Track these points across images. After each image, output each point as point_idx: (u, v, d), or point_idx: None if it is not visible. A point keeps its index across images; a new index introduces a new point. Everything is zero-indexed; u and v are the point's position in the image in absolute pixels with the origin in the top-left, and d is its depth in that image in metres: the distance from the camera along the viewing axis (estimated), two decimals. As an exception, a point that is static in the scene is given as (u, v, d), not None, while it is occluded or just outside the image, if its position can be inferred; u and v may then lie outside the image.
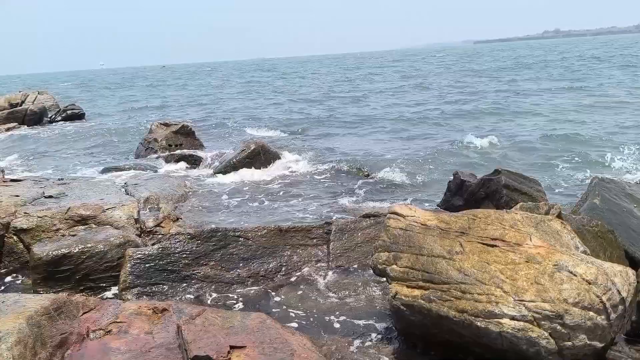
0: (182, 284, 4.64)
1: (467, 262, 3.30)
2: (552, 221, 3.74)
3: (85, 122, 21.28)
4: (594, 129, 13.28)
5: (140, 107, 28.05)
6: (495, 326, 3.00)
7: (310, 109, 21.37)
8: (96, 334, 3.21)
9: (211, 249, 4.90)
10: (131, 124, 19.98)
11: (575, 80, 26.04)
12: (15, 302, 3.22)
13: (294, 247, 5.11)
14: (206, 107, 25.59)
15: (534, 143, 11.90)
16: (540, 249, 3.28)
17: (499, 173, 6.70)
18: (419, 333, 3.51)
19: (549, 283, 3.02)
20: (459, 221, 3.70)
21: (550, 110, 16.75)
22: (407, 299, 3.38)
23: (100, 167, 11.20)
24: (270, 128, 16.27)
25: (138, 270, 4.60)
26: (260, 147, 10.71)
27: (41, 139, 16.87)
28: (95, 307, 3.48)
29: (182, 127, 13.00)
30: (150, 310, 3.48)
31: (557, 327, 2.91)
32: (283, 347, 3.13)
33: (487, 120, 15.84)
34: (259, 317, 3.49)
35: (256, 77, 53.36)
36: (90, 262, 4.87)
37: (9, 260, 5.25)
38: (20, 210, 5.58)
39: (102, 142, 15.56)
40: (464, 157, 10.94)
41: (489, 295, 3.08)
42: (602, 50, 60.96)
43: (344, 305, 4.33)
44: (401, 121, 16.82)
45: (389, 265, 3.60)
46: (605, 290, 2.98)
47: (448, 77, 35.75)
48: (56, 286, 4.77)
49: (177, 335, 3.20)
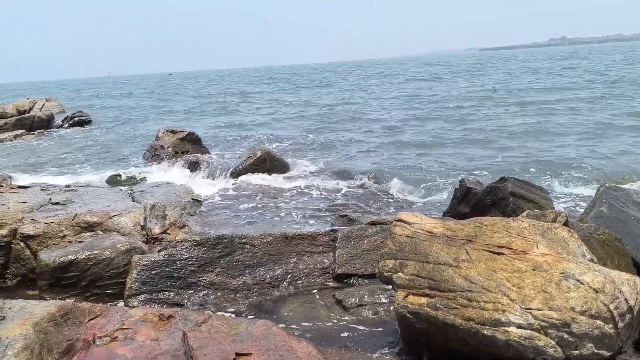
0: (188, 290, 4.64)
1: (473, 270, 3.29)
2: (559, 229, 3.72)
3: (92, 129, 21.41)
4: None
5: (147, 113, 28.20)
6: (501, 334, 2.98)
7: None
8: (102, 341, 3.22)
9: (217, 255, 4.90)
10: (138, 131, 20.09)
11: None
12: (22, 309, 3.24)
13: (299, 254, 5.10)
14: (218, 114, 25.64)
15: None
16: (547, 257, 3.26)
17: (506, 180, 6.69)
18: (425, 341, 3.49)
19: (555, 291, 3.00)
20: (465, 229, 3.69)
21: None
22: (413, 307, 3.37)
23: (107, 173, 11.26)
24: (279, 133, 16.31)
25: (144, 277, 4.61)
26: (266, 154, 10.74)
27: (48, 145, 16.98)
28: (101, 314, 3.48)
29: (189, 135, 13.07)
30: (156, 317, 3.48)
31: (564, 336, 2.89)
32: (289, 355, 3.12)
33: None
34: (264, 325, 3.49)
35: (256, 87, 52.93)
36: (96, 268, 4.88)
37: (16, 267, 5.27)
38: (28, 217, 5.61)
39: (108, 149, 15.65)
40: (469, 165, 10.93)
41: (496, 304, 3.06)
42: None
43: (350, 314, 4.32)
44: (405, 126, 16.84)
45: (395, 272, 3.59)
46: (612, 298, 2.96)
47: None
48: (62, 293, 4.78)
49: (182, 342, 3.20)
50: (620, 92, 23.06)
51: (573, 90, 25.75)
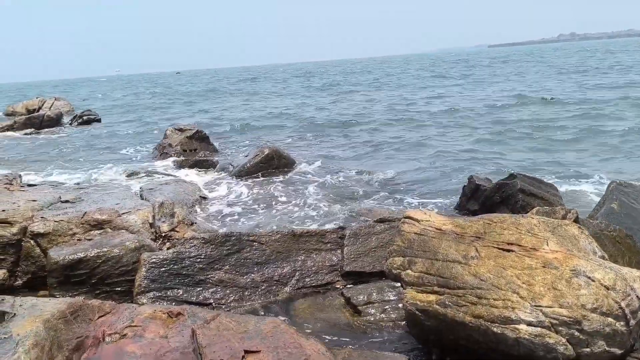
0: (196, 288, 4.65)
1: (482, 267, 3.27)
2: (569, 226, 3.69)
3: (101, 127, 21.49)
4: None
5: (156, 112, 28.30)
6: (511, 332, 2.96)
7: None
8: (112, 338, 3.23)
9: (225, 253, 4.91)
10: (146, 129, 20.17)
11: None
12: (33, 306, 3.26)
13: (307, 251, 5.10)
14: (229, 113, 25.65)
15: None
16: (557, 254, 3.24)
17: (515, 177, 6.65)
18: (434, 339, 3.48)
19: (566, 288, 2.97)
20: (474, 226, 3.67)
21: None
22: (422, 304, 3.36)
23: (116, 172, 11.30)
24: (284, 130, 16.26)
25: (153, 274, 4.62)
26: (274, 153, 10.75)
27: (57, 143, 17.07)
28: (110, 311, 3.50)
29: (197, 133, 13.11)
30: (165, 314, 3.49)
31: (575, 334, 2.87)
32: (297, 353, 3.12)
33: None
34: (273, 322, 3.49)
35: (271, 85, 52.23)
36: (105, 266, 4.90)
37: (26, 265, 5.30)
38: (37, 215, 5.64)
39: (116, 147, 15.72)
40: (478, 162, 10.87)
41: (505, 301, 3.04)
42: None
43: (357, 311, 4.30)
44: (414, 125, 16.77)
45: (404, 270, 3.58)
46: (624, 295, 2.93)
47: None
48: (72, 290, 4.80)
49: (191, 339, 3.20)
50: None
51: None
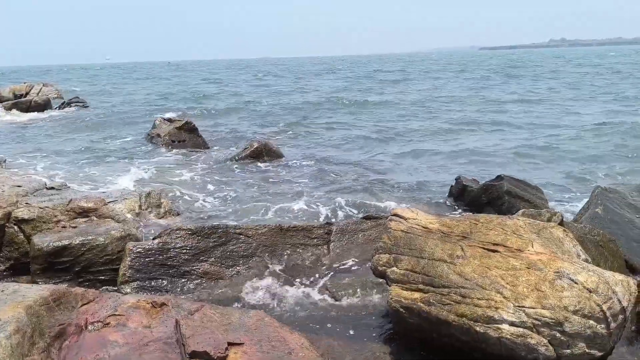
0: (181, 279, 4.64)
1: (467, 267, 3.29)
2: (554, 228, 3.73)
3: (87, 114, 21.17)
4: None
5: (145, 100, 28.04)
6: (494, 332, 2.99)
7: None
8: (94, 326, 3.21)
9: (211, 245, 4.89)
10: (135, 117, 19.96)
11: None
12: (15, 292, 3.22)
13: (294, 246, 5.10)
14: (225, 104, 25.38)
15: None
16: (541, 256, 3.27)
17: (502, 179, 6.70)
18: (418, 336, 3.50)
19: (549, 290, 3.01)
20: (460, 225, 3.69)
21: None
22: (406, 302, 3.37)
23: (102, 161, 11.21)
24: (269, 124, 16.19)
25: (138, 264, 4.60)
26: (263, 146, 10.74)
27: (42, 128, 16.84)
28: (94, 300, 3.47)
29: (186, 124, 13.02)
30: (149, 304, 3.47)
31: (557, 335, 2.90)
32: (281, 345, 3.12)
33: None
34: (257, 315, 3.49)
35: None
36: (90, 254, 4.87)
37: (9, 250, 5.24)
38: (22, 201, 5.58)
39: (103, 135, 15.53)
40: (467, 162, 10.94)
41: (489, 301, 3.07)
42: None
43: (342, 306, 4.32)
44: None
45: (389, 267, 3.60)
46: (606, 299, 2.97)
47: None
48: (55, 277, 4.77)
49: (175, 330, 3.19)
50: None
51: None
